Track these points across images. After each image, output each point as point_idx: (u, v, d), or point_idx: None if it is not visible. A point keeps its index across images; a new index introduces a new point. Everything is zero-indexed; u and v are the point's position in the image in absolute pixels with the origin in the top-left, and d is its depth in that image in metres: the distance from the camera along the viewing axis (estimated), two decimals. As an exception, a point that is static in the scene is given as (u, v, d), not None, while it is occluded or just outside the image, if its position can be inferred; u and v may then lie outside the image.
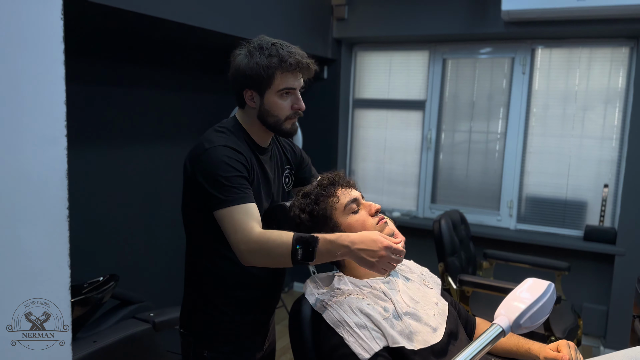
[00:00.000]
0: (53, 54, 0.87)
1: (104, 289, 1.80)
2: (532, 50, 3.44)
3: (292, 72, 1.41)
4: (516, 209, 3.57)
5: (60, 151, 0.90)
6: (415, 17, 3.47)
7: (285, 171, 1.63)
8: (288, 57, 1.39)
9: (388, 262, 1.25)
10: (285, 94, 1.43)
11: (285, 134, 1.49)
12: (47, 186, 0.89)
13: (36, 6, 0.84)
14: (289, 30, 3.24)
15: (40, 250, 0.89)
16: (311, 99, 3.91)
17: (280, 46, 1.41)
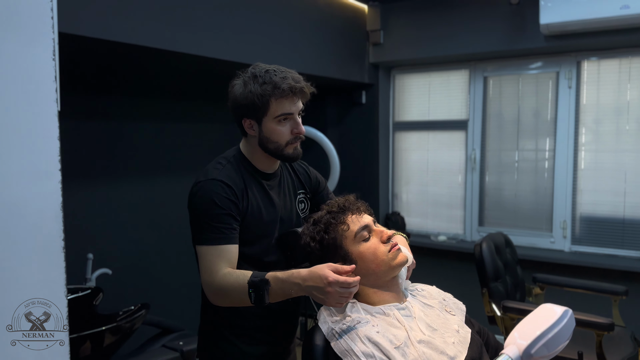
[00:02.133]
0: (46, 93, 0.92)
1: (135, 317, 1.84)
2: (577, 63, 3.28)
3: (287, 98, 1.40)
4: (570, 230, 3.37)
5: (55, 185, 0.94)
6: (452, 37, 3.42)
7: (300, 195, 1.61)
8: (281, 83, 1.38)
9: (339, 297, 1.22)
10: (283, 120, 1.42)
11: (288, 159, 1.48)
12: (42, 219, 0.93)
13: (29, 48, 0.90)
14: (323, 58, 3.29)
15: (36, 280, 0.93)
16: (350, 124, 3.93)
17: (273, 73, 1.40)
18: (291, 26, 3.02)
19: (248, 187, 1.43)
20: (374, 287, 1.35)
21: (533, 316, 1.05)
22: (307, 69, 3.14)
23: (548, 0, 2.92)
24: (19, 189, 0.90)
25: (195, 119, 3.26)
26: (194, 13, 2.40)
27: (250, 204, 1.42)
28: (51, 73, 0.92)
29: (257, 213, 1.43)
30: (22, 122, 0.90)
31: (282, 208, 1.52)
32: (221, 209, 1.35)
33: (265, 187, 1.48)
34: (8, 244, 0.89)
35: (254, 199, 1.44)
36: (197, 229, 1.38)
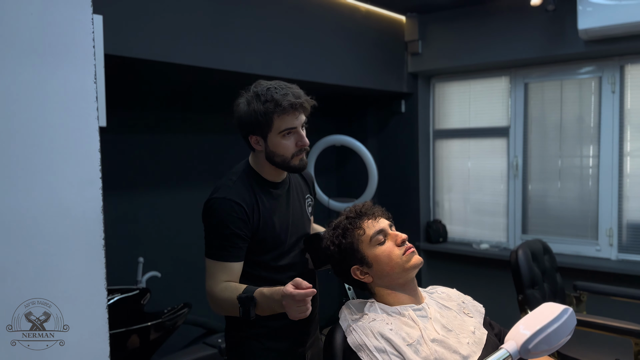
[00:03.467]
0: (88, 112, 1.07)
1: (177, 314, 1.99)
2: (620, 67, 3.21)
3: (288, 114, 1.47)
4: (616, 238, 3.28)
5: (96, 191, 1.08)
6: (490, 45, 3.43)
7: (308, 200, 1.73)
8: (282, 100, 1.45)
9: (297, 309, 1.30)
10: (287, 134, 1.49)
11: (295, 170, 1.56)
12: (85, 221, 1.07)
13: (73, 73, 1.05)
14: (363, 69, 3.38)
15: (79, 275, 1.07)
16: (390, 133, 3.99)
17: (274, 90, 1.48)
18: (331, 40, 3.14)
19: (259, 200, 1.52)
20: (390, 288, 1.42)
21: (534, 314, 1.09)
22: (347, 81, 3.25)
23: (586, 6, 2.89)
24: (66, 195, 1.05)
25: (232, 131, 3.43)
26: (235, 32, 2.57)
27: (262, 217, 1.51)
28: (92, 94, 1.07)
29: (269, 224, 1.53)
30: (68, 137, 1.05)
31: (292, 214, 1.61)
32: (230, 230, 1.46)
33: (275, 195, 1.58)
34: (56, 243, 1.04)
35: (265, 210, 1.53)
36: (207, 243, 1.50)
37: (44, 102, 1.01)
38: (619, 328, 2.13)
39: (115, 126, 2.36)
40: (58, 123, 1.03)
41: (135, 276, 2.62)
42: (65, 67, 1.03)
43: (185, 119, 3.16)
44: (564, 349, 2.36)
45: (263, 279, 1.54)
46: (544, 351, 1.06)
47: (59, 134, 1.03)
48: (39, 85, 1.01)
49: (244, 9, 2.61)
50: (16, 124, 0.98)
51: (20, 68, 0.99)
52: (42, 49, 1.00)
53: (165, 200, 3.03)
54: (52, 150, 1.03)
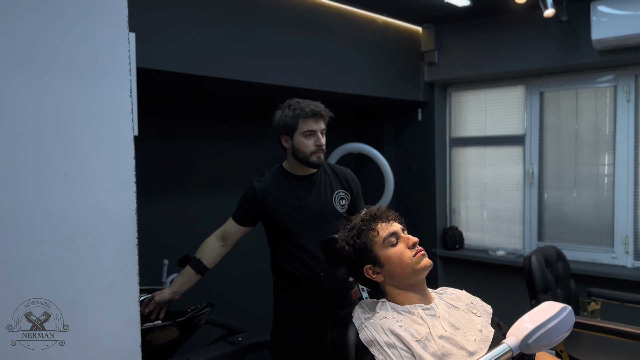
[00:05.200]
0: (124, 122, 1.18)
1: (200, 314, 2.09)
2: (635, 77, 3.25)
3: (311, 118, 1.92)
4: (632, 245, 3.29)
5: (131, 194, 1.19)
6: (505, 55, 3.50)
7: (340, 193, 2.06)
8: (306, 107, 1.92)
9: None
10: (309, 135, 1.93)
11: (313, 165, 1.96)
12: (120, 221, 1.18)
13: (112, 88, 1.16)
14: (380, 79, 3.47)
15: (115, 270, 1.18)
16: (407, 141, 4.07)
17: (302, 102, 1.96)
18: (349, 52, 3.24)
19: (277, 189, 1.97)
20: (400, 288, 1.50)
21: (534, 311, 1.16)
22: (365, 90, 3.35)
23: (600, 16, 2.94)
24: (104, 197, 1.16)
25: (257, 140, 3.55)
26: (258, 45, 2.69)
27: (277, 201, 1.97)
28: (128, 106, 1.18)
29: (283, 205, 1.96)
30: (106, 144, 1.16)
31: (312, 202, 1.98)
32: (243, 202, 2.04)
33: (298, 187, 1.98)
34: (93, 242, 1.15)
35: (282, 196, 1.97)
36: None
37: (85, 114, 1.13)
38: (631, 333, 2.16)
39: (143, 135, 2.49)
40: (98, 133, 1.14)
41: (160, 277, 2.74)
42: (105, 82, 1.14)
43: (211, 129, 3.28)
44: (576, 353, 2.40)
45: (290, 253, 1.98)
46: (543, 346, 1.13)
47: (98, 142, 1.14)
48: (82, 98, 1.12)
49: (267, 23, 2.73)
50: (60, 134, 1.10)
51: (65, 83, 1.11)
52: (85, 66, 1.12)
53: (189, 205, 3.16)
54: (92, 157, 1.14)
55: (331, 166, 2.17)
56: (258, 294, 3.55)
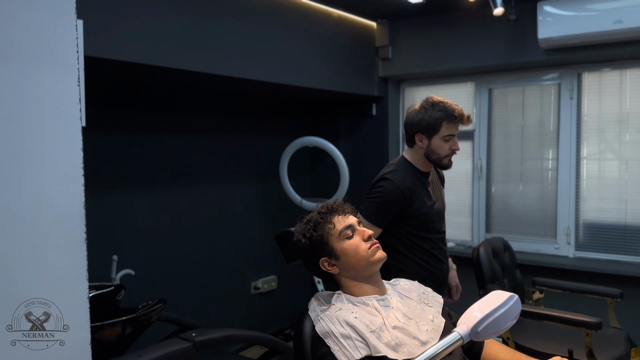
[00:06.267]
0: (72, 112, 1.14)
1: (152, 310, 2.05)
2: (578, 75, 3.40)
3: (455, 123, 1.96)
4: (574, 236, 3.46)
5: (79, 187, 1.15)
6: (457, 52, 3.58)
7: (443, 189, 2.26)
8: (453, 111, 1.94)
9: None
10: (448, 139, 1.98)
11: (443, 167, 2.06)
12: (68, 215, 1.14)
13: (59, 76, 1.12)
14: (335, 73, 3.49)
15: (63, 266, 1.14)
16: (361, 135, 4.11)
17: (447, 104, 1.97)
18: (304, 45, 3.24)
19: (415, 185, 2.02)
20: (355, 279, 1.53)
21: (483, 300, 1.20)
22: (320, 84, 3.35)
23: (546, 16, 3.06)
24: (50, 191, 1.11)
25: (210, 132, 3.50)
26: (211, 36, 2.64)
27: (419, 195, 2.02)
28: (76, 96, 1.14)
29: (421, 202, 2.03)
30: (52, 135, 1.11)
31: (436, 197, 2.10)
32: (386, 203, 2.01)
33: (424, 183, 2.07)
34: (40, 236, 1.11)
35: (420, 193, 2.03)
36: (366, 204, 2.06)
37: (30, 103, 1.08)
38: (572, 320, 2.28)
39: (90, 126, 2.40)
40: (43, 123, 1.09)
41: (109, 274, 2.66)
42: (52, 70, 1.10)
43: (160, 121, 3.21)
44: (521, 340, 2.51)
45: (417, 246, 2.05)
46: (492, 334, 1.17)
47: (44, 133, 1.10)
48: (26, 87, 1.07)
49: (221, 14, 2.68)
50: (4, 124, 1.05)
51: (8, 72, 1.05)
52: (30, 53, 1.07)
53: (139, 199, 3.08)
54: (37, 148, 1.09)
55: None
56: (209, 289, 3.51)
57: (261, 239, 3.87)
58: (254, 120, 3.82)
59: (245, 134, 3.74)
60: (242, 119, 3.73)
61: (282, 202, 3.96)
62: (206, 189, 3.46)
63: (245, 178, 3.74)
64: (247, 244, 3.76)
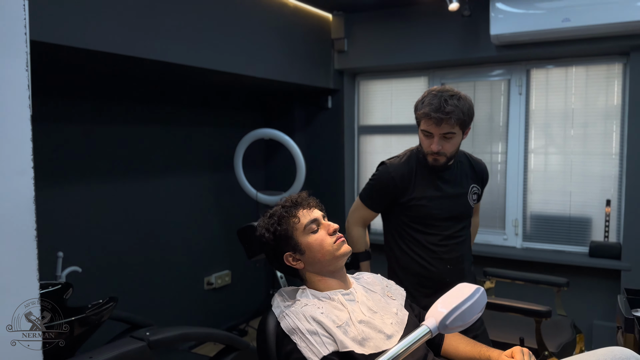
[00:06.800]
0: (20, 100, 1.05)
1: (103, 309, 1.95)
2: (527, 71, 3.51)
3: (430, 119, 1.83)
4: (521, 228, 3.59)
5: (28, 180, 1.06)
6: (411, 46, 3.62)
7: (473, 188, 2.08)
8: (430, 107, 1.82)
9: None
10: (427, 135, 1.88)
11: (430, 166, 1.95)
12: (17, 210, 1.05)
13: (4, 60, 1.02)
14: (290, 64, 3.44)
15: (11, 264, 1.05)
16: (317, 128, 4.09)
17: (433, 97, 1.85)
18: (259, 34, 3.17)
19: (414, 175, 1.96)
20: (321, 274, 1.51)
21: (450, 293, 1.21)
22: (275, 75, 3.30)
23: (497, 13, 3.13)
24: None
25: (161, 123, 3.38)
26: (161, 21, 2.53)
27: (416, 188, 1.96)
28: (24, 82, 1.05)
29: (420, 194, 1.96)
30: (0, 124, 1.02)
31: (450, 194, 1.98)
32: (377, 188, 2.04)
33: (434, 176, 1.97)
34: (-14, 232, 1.02)
35: (420, 184, 1.96)
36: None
37: (-27, 88, 0.99)
38: (524, 309, 2.35)
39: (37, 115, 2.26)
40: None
41: (54, 271, 2.52)
42: (-3, 53, 1.00)
43: (107, 110, 3.06)
44: (475, 330, 2.57)
45: (413, 239, 2.00)
46: (459, 327, 1.18)
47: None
48: (-32, 71, 0.98)
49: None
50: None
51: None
52: (-28, 33, 0.98)
53: (82, 192, 2.93)
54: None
55: (468, 157, 2.13)
56: (160, 285, 3.41)
57: (214, 233, 3.79)
58: (207, 111, 3.72)
59: (198, 124, 3.64)
60: (195, 109, 3.63)
61: (236, 196, 3.88)
62: (156, 181, 3.35)
63: (197, 170, 3.65)
64: (199, 238, 3.67)
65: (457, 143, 1.92)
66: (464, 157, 2.12)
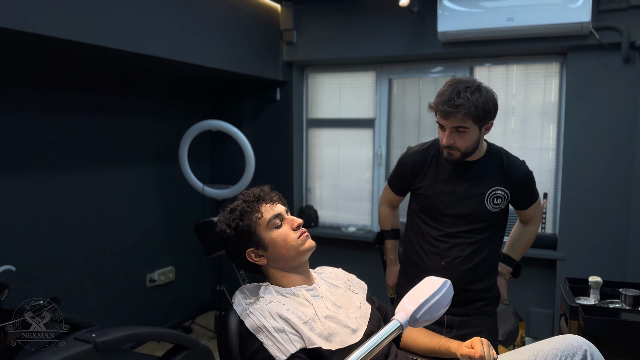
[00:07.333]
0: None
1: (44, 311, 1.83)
2: (470, 69, 3.62)
3: (438, 111, 1.77)
4: (464, 220, 3.70)
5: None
6: (359, 40, 3.63)
7: (495, 191, 1.89)
8: (439, 99, 1.75)
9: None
10: (440, 127, 1.81)
11: (445, 160, 1.87)
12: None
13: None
14: (238, 54, 3.36)
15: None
16: (265, 120, 4.03)
17: (447, 89, 1.76)
18: (207, 22, 3.07)
19: (428, 164, 1.94)
20: (284, 270, 1.48)
21: (418, 287, 1.22)
22: (221, 64, 3.20)
23: (445, 10, 3.20)
24: None
25: (100, 112, 3.21)
26: (105, 4, 2.39)
27: (427, 177, 1.94)
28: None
29: (428, 184, 1.93)
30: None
31: (463, 191, 1.88)
32: (396, 170, 2.08)
33: (450, 169, 1.90)
34: None
35: (431, 174, 1.93)
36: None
37: None
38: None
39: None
40: None
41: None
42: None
43: (41, 98, 2.86)
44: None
45: (418, 227, 1.98)
46: (428, 320, 1.19)
47: None
48: None
49: (117, -19, 2.44)
50: None
51: None
52: None
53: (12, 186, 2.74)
54: None
55: (503, 156, 1.94)
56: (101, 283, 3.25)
57: (158, 228, 3.65)
58: (150, 101, 3.57)
59: (140, 114, 3.48)
60: (137, 98, 3.47)
61: (181, 189, 3.76)
62: (95, 174, 3.17)
63: (139, 163, 3.49)
64: (142, 234, 3.53)
65: (472, 138, 1.80)
66: (500, 156, 1.94)
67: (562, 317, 2.19)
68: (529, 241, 2.12)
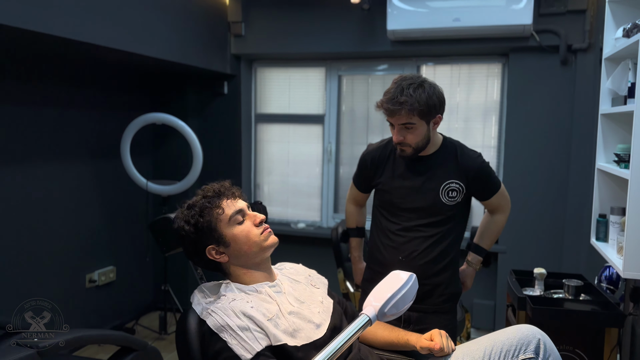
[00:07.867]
0: None
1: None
2: (417, 67, 3.70)
3: (385, 111, 1.82)
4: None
5: None
6: (310, 35, 3.61)
7: (450, 184, 1.90)
8: (386, 94, 1.79)
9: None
10: (390, 125, 1.87)
11: (400, 156, 1.93)
12: None
13: None
14: (184, 44, 3.25)
15: None
16: (212, 114, 3.93)
17: (392, 87, 1.81)
18: (152, 11, 2.95)
19: (385, 159, 1.98)
20: (246, 267, 1.44)
21: (385, 281, 1.23)
22: (166, 54, 3.09)
23: (394, 9, 3.24)
24: None
25: (33, 103, 3.02)
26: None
27: (385, 173, 1.98)
28: None
29: (386, 179, 1.97)
30: None
31: (419, 185, 1.91)
32: (358, 167, 2.14)
33: (406, 164, 1.93)
34: None
35: (389, 170, 1.97)
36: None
37: None
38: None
39: None
40: None
41: None
42: None
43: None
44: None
45: (380, 223, 2.02)
46: (395, 314, 1.20)
47: None
48: None
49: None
50: None
51: None
52: None
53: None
54: None
55: (458, 150, 1.93)
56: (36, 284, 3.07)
57: (98, 226, 3.48)
58: (89, 92, 3.39)
59: (78, 106, 3.30)
60: (75, 89, 3.28)
61: (122, 185, 3.61)
62: (28, 170, 2.98)
63: (76, 157, 3.31)
64: (80, 232, 3.35)
65: (421, 134, 1.83)
66: (454, 149, 1.95)
67: (509, 307, 2.28)
68: (498, 230, 2.13)
